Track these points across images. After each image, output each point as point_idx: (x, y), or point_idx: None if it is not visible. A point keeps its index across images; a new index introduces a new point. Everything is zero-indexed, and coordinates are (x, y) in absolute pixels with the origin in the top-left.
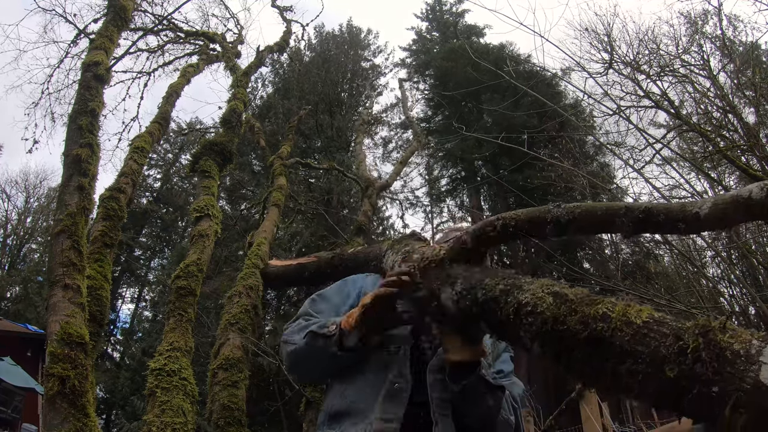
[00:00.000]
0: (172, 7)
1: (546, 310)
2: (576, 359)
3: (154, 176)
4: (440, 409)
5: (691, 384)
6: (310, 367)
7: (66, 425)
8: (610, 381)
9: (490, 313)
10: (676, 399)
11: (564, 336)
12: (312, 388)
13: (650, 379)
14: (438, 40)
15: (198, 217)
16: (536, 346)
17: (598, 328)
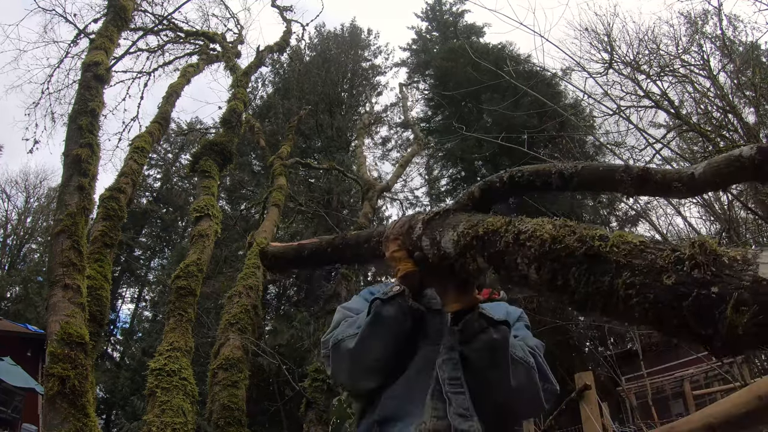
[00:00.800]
0: (172, 7)
1: (545, 233)
2: (573, 277)
3: (154, 176)
4: (452, 387)
5: (689, 288)
6: (377, 343)
7: (66, 425)
8: (606, 298)
9: (489, 244)
10: (675, 308)
11: (562, 254)
12: (312, 389)
13: (648, 289)
14: (438, 39)
15: (198, 217)
16: (533, 270)
17: (596, 245)
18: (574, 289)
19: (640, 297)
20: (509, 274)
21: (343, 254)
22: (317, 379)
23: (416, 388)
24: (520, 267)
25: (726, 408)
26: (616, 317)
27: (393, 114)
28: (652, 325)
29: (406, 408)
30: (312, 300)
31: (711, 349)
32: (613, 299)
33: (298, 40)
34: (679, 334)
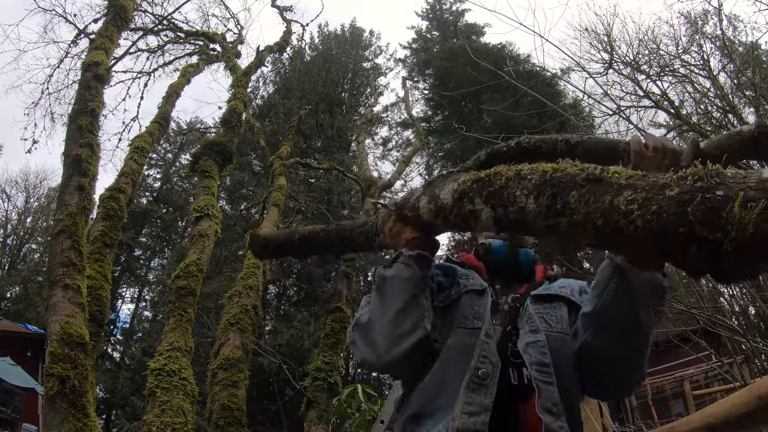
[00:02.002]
0: (172, 7)
1: (547, 167)
2: (572, 199)
3: (154, 176)
4: (542, 375)
5: (693, 195)
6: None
7: (66, 425)
8: (607, 215)
9: (489, 183)
10: (679, 215)
11: (562, 180)
12: (313, 389)
13: (650, 202)
14: (438, 39)
15: (198, 217)
16: (531, 200)
17: (597, 172)
18: (573, 211)
19: (642, 210)
20: (506, 211)
21: (336, 241)
22: (318, 379)
23: (449, 379)
24: (518, 199)
25: (726, 408)
26: (616, 237)
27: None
28: (657, 239)
29: (436, 402)
30: (312, 300)
31: (722, 260)
32: (614, 215)
33: (299, 40)
34: (686, 247)
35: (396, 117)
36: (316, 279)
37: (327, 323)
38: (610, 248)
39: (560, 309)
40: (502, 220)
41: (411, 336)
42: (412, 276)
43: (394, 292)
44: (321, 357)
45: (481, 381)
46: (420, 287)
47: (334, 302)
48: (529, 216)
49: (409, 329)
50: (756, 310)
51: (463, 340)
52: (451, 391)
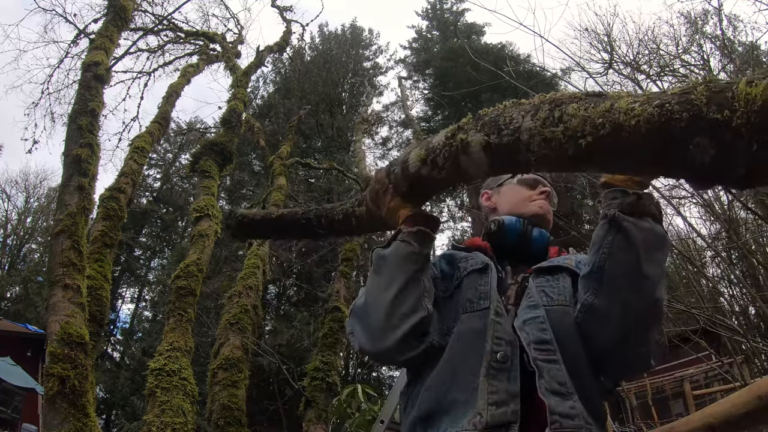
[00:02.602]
0: (172, 7)
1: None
2: (570, 109)
3: (154, 176)
4: (541, 354)
5: (695, 86)
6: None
7: (66, 425)
8: (607, 115)
9: (484, 115)
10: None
11: (561, 98)
12: (311, 389)
13: (653, 99)
14: (438, 39)
15: (198, 217)
16: (527, 119)
17: (597, 91)
18: (571, 116)
19: (644, 105)
20: (499, 134)
21: (314, 220)
22: (316, 378)
23: (462, 369)
24: (514, 120)
25: (726, 408)
26: (615, 136)
27: (393, 113)
28: (660, 129)
29: (451, 396)
30: (312, 300)
31: (733, 144)
32: (614, 114)
33: (299, 40)
34: (693, 134)
35: (396, 117)
36: (316, 279)
37: (325, 323)
38: (607, 153)
39: (563, 280)
40: (494, 144)
41: (412, 316)
42: (411, 253)
43: (392, 271)
44: (319, 357)
45: (501, 365)
46: (421, 265)
47: (332, 302)
48: (524, 134)
49: (410, 309)
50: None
51: (471, 325)
52: (467, 382)
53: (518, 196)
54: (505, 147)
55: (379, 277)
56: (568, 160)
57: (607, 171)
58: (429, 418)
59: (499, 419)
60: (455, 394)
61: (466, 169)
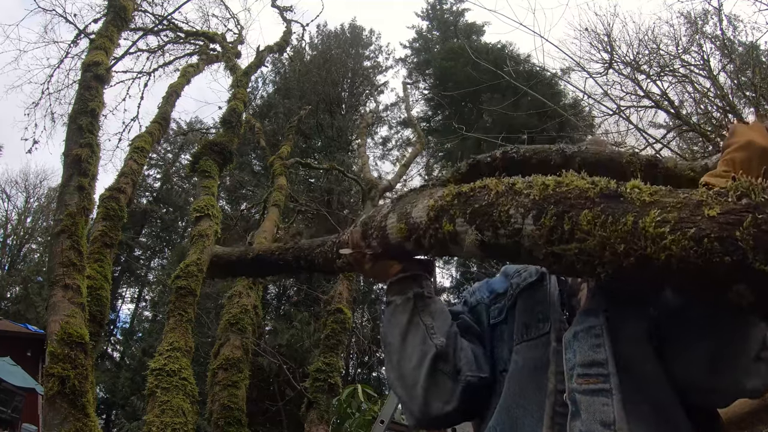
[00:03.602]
0: (172, 7)
1: (548, 180)
2: (583, 221)
3: (154, 176)
4: (585, 381)
5: (741, 215)
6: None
7: (66, 425)
8: (630, 240)
9: (474, 199)
10: (725, 239)
11: (569, 196)
12: (314, 389)
13: (686, 224)
14: (438, 39)
15: (198, 217)
16: (529, 220)
17: (612, 186)
18: (585, 235)
19: (676, 233)
20: (496, 233)
21: (292, 261)
22: (318, 379)
23: (522, 417)
24: (512, 219)
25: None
26: (643, 268)
27: (393, 113)
28: (696, 271)
29: None
30: (312, 300)
31: None
32: (640, 241)
33: (299, 40)
34: (733, 281)
35: (396, 116)
36: (316, 279)
37: (327, 324)
38: (634, 281)
39: None
40: (491, 245)
41: (423, 362)
42: (395, 308)
43: (392, 335)
44: (321, 358)
45: (568, 408)
46: (411, 310)
47: (334, 303)
48: (527, 240)
49: (419, 357)
50: None
51: (529, 357)
52: (530, 428)
53: None
54: (504, 248)
55: (386, 348)
56: (581, 277)
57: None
58: None
59: None
60: None
61: (456, 254)
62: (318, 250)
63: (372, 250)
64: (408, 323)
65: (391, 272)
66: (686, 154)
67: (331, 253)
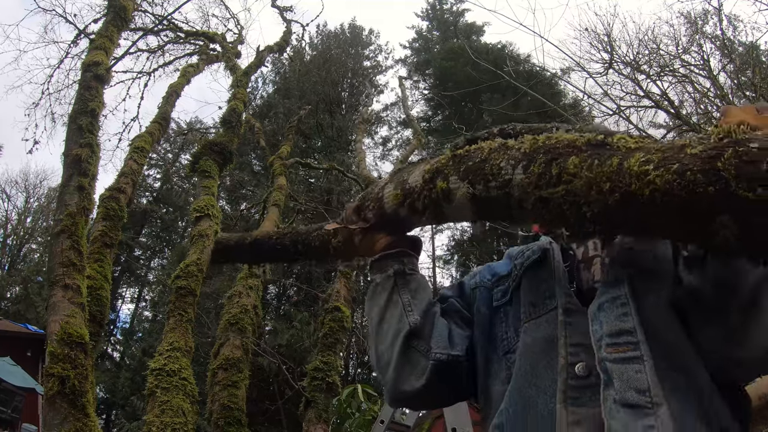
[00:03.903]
0: (172, 7)
1: (537, 136)
2: (570, 165)
3: (154, 176)
4: (615, 349)
5: (722, 150)
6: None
7: (66, 425)
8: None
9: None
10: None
11: (558, 146)
12: (311, 389)
13: (669, 161)
14: (438, 39)
15: (198, 217)
16: (519, 170)
17: (599, 137)
18: (572, 176)
19: (660, 169)
20: (486, 186)
21: (290, 245)
22: (316, 378)
23: (535, 397)
24: (503, 170)
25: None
26: (627, 205)
27: (393, 113)
28: (680, 204)
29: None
30: (312, 300)
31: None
32: (624, 178)
33: (298, 40)
34: (717, 212)
35: (396, 116)
36: (316, 279)
37: (325, 323)
38: (618, 222)
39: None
40: (481, 197)
41: (396, 340)
42: (375, 287)
43: (372, 314)
44: (319, 357)
45: (582, 381)
46: (390, 288)
47: (332, 302)
48: (516, 189)
49: (393, 334)
50: None
51: (538, 335)
52: (544, 411)
53: None
54: (495, 200)
55: (368, 336)
56: (569, 224)
57: (610, 238)
58: None
59: None
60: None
61: (449, 215)
62: (315, 233)
63: (363, 224)
64: (387, 302)
65: (377, 248)
66: None
67: (327, 235)
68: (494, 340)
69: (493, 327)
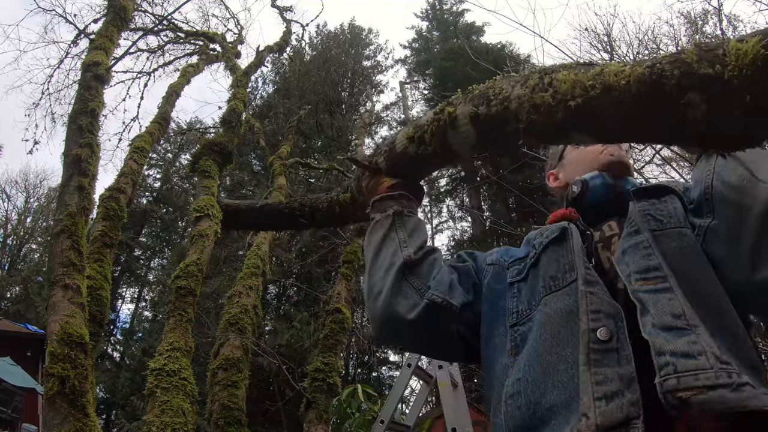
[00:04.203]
0: (172, 7)
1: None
2: (560, 75)
3: (154, 176)
4: (646, 283)
5: (684, 49)
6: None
7: (66, 425)
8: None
9: (474, 89)
10: (674, 61)
11: (551, 67)
12: (312, 389)
13: (642, 63)
14: (438, 39)
15: (198, 217)
16: (517, 87)
17: (587, 61)
18: (561, 82)
19: (635, 67)
20: (488, 105)
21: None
22: (317, 379)
23: (556, 363)
24: (504, 91)
25: None
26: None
27: (393, 113)
28: (651, 87)
29: (547, 402)
30: (312, 300)
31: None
32: (605, 76)
33: (298, 40)
34: (685, 89)
35: (396, 116)
36: (316, 279)
37: (326, 324)
38: (597, 115)
39: (672, 202)
40: (482, 115)
41: (390, 270)
42: (381, 219)
43: (368, 250)
44: (320, 358)
45: (604, 345)
46: (387, 227)
47: (333, 303)
48: (513, 102)
49: (387, 266)
50: None
51: (558, 306)
52: (566, 379)
53: (585, 155)
54: (493, 117)
55: (363, 274)
56: (557, 126)
57: (597, 136)
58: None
59: (612, 417)
60: (552, 397)
61: (452, 144)
62: (325, 197)
63: (374, 167)
64: (383, 237)
65: (381, 190)
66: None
67: (337, 194)
68: (502, 313)
69: (502, 300)
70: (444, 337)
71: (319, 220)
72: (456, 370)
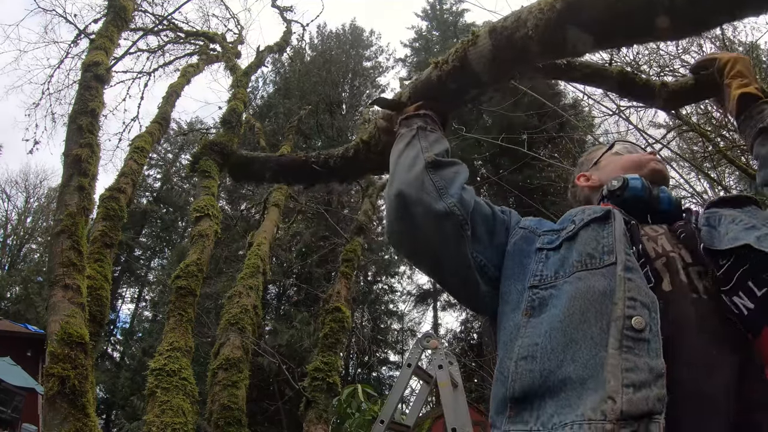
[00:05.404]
0: (172, 7)
1: None
2: None
3: (154, 176)
4: None
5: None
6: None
7: (66, 425)
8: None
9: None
10: None
11: None
12: (312, 389)
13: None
14: (438, 39)
15: (198, 217)
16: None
17: None
18: None
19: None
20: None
21: (313, 156)
22: (317, 379)
23: (581, 339)
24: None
25: None
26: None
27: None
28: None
29: (562, 373)
30: (312, 300)
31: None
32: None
33: (299, 40)
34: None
35: None
36: (316, 279)
37: (326, 323)
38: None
39: (759, 211)
40: (498, 27)
41: (414, 163)
42: (405, 132)
43: (391, 158)
44: (320, 357)
45: (638, 334)
46: (411, 136)
47: (333, 302)
48: (524, 12)
49: (410, 163)
50: None
51: (592, 284)
52: (588, 356)
53: (627, 160)
54: (507, 27)
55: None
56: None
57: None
58: (526, 399)
59: (638, 407)
60: (568, 370)
61: (471, 62)
62: (342, 148)
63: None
64: (406, 145)
65: (408, 111)
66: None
67: (361, 139)
68: (523, 272)
69: (527, 260)
70: (451, 253)
71: (338, 169)
72: (456, 370)
